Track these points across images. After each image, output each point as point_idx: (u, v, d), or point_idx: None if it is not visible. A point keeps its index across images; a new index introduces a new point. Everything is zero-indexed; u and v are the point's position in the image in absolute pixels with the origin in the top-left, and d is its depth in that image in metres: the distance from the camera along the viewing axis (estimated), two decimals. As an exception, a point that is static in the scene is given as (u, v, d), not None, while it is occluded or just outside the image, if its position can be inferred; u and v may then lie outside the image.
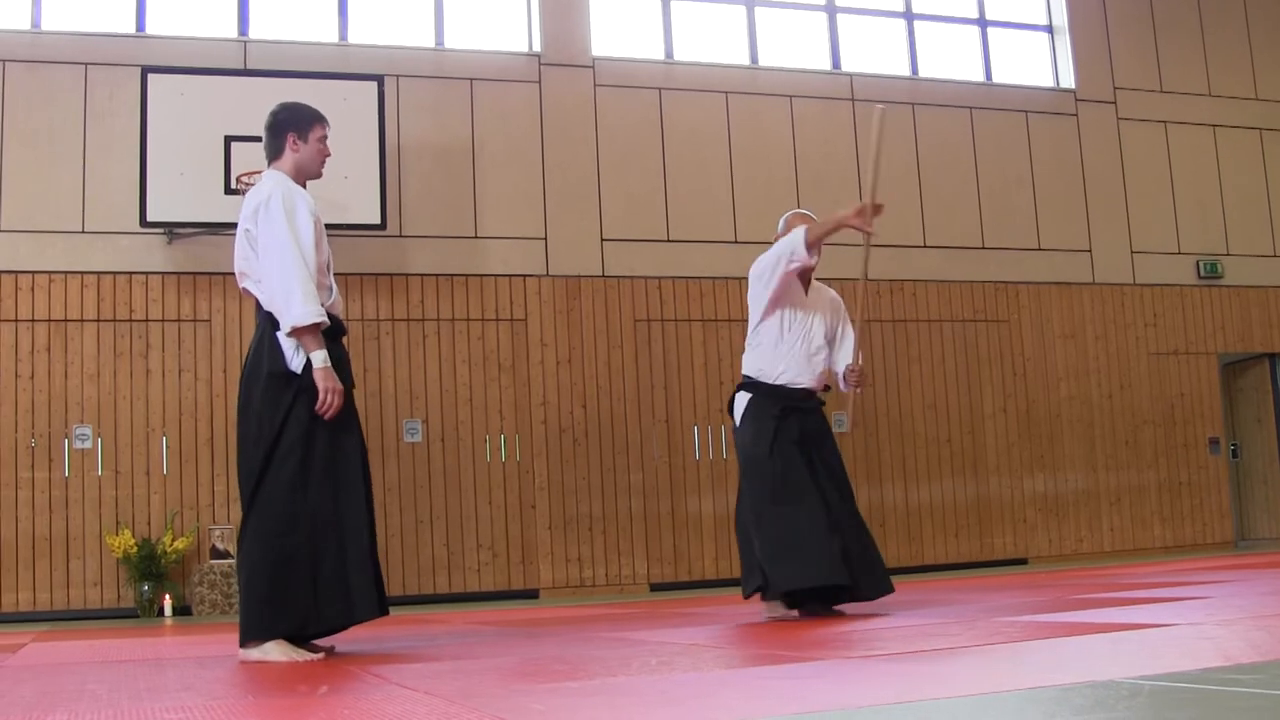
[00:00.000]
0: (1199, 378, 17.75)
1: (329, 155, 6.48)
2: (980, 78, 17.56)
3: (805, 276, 7.85)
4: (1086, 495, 16.96)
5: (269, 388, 5.96)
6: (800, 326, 7.77)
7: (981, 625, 6.03)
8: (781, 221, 7.86)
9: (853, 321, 7.93)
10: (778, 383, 7.72)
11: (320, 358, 5.90)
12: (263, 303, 6.04)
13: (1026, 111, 17.46)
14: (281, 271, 5.89)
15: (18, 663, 6.60)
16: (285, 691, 4.51)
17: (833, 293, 8.08)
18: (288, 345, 5.96)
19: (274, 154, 6.35)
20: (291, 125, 6.34)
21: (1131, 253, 17.61)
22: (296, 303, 5.83)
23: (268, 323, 6.00)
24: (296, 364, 5.94)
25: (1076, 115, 17.67)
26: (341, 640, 6.45)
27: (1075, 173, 17.55)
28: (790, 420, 7.64)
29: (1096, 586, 9.33)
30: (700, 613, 7.79)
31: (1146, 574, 10.91)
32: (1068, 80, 17.81)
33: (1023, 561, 16.36)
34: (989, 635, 5.41)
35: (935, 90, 17.14)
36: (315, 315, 5.86)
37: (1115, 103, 17.88)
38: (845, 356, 7.90)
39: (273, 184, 6.10)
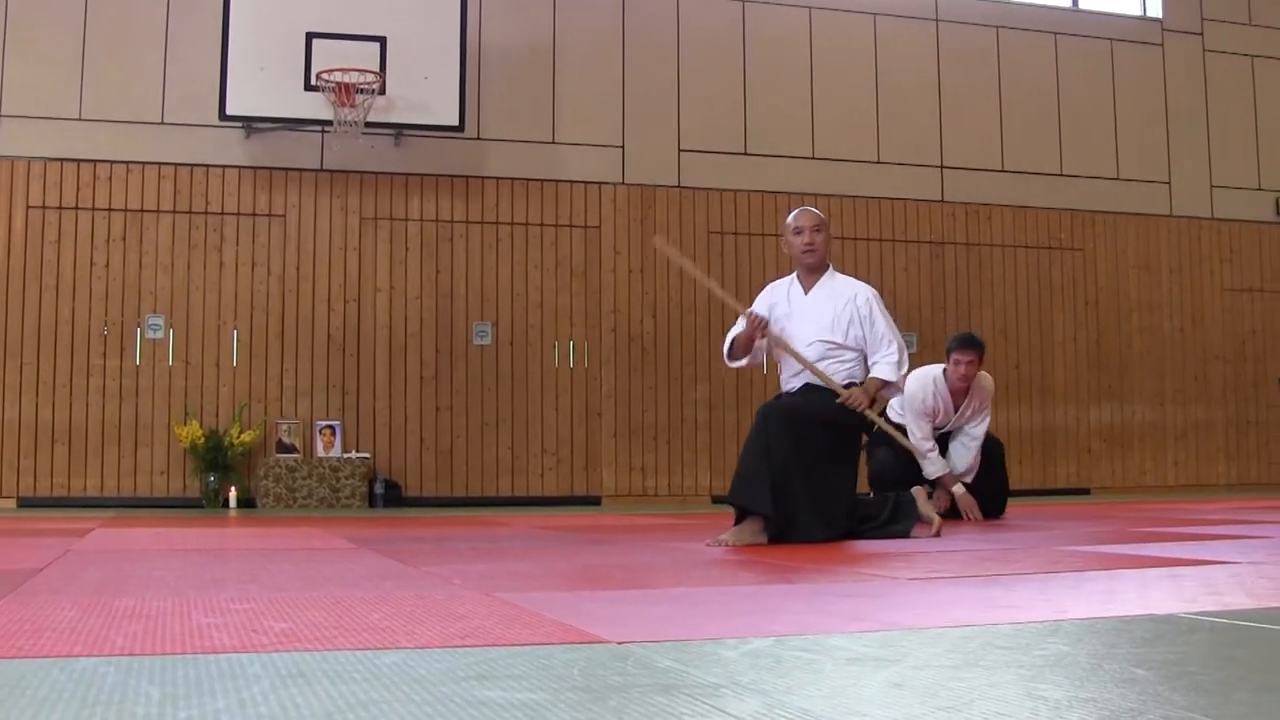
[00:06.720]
0: (1273, 315, 17.56)
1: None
2: (1066, 3, 17.33)
3: (808, 277, 7.65)
4: (1152, 428, 16.88)
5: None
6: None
7: (1043, 553, 6.03)
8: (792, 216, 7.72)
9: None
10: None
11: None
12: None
13: (1111, 39, 17.24)
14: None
15: (85, 547, 6.70)
16: (348, 584, 4.57)
17: (850, 287, 7.61)
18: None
19: None
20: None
21: (1211, 187, 17.41)
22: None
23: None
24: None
25: (1162, 45, 17.44)
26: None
27: (1158, 103, 17.34)
28: None
29: (1159, 520, 9.30)
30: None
31: (1210, 510, 10.87)
32: (1155, 9, 17.54)
33: (1085, 491, 16.32)
34: (1051, 563, 5.41)
35: (1020, 14, 16.93)
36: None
37: (1202, 34, 17.63)
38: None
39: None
